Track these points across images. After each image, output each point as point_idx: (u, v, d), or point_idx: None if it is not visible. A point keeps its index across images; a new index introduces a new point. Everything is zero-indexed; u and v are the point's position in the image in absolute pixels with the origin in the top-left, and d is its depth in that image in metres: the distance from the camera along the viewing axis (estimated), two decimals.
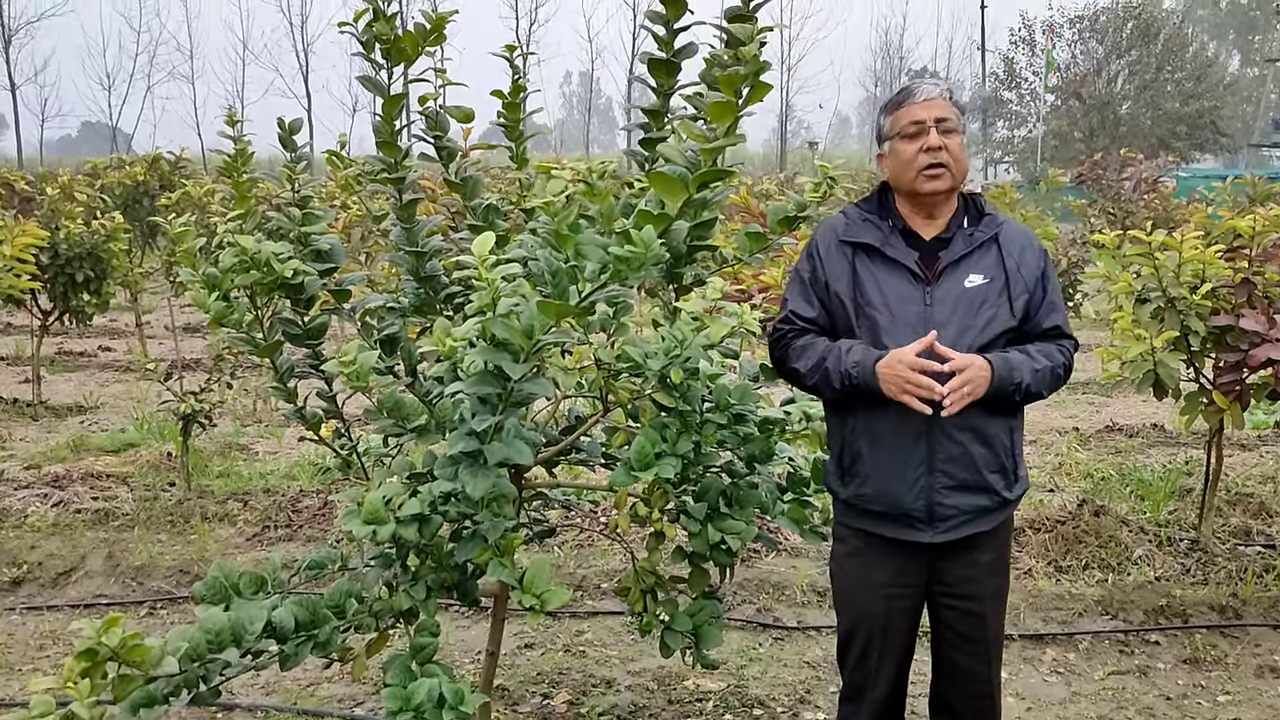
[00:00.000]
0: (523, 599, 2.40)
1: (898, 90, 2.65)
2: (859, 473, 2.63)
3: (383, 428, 2.78)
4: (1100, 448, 7.47)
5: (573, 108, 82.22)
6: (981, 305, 2.54)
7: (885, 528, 2.63)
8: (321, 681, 4.04)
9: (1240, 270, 4.63)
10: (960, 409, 2.43)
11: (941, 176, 2.55)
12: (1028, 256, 2.61)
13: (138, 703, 2.16)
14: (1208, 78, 43.65)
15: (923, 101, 2.56)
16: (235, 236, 2.77)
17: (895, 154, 2.59)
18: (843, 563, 2.79)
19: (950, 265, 2.57)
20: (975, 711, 2.80)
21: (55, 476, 6.57)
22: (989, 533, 2.63)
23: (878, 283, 2.58)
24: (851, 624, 2.77)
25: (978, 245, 2.59)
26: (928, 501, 2.55)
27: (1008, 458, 2.59)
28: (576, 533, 5.46)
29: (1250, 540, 5.42)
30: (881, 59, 60.52)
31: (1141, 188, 12.89)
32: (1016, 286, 2.58)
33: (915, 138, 2.55)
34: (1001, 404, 2.52)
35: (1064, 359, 2.60)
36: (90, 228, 8.96)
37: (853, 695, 2.83)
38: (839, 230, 2.66)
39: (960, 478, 2.54)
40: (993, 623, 2.74)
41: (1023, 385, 2.49)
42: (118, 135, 52.47)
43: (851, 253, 2.61)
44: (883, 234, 2.61)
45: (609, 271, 2.20)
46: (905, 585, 2.69)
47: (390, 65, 2.81)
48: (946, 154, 2.53)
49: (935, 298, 2.54)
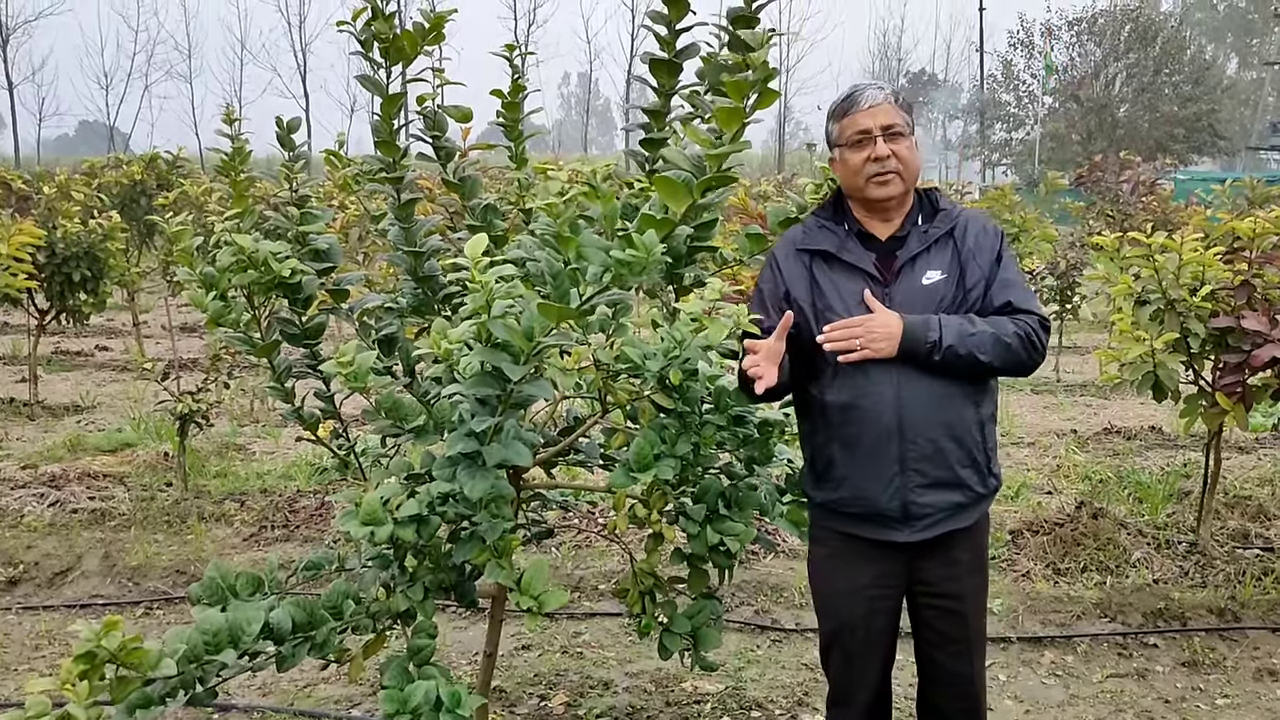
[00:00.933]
0: (520, 600, 2.39)
1: (843, 97, 2.62)
2: (833, 477, 2.62)
3: (380, 428, 2.77)
4: (1098, 450, 7.46)
5: (571, 109, 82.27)
6: (939, 300, 2.54)
7: (863, 529, 2.62)
8: (318, 683, 4.03)
9: (1240, 273, 4.62)
10: (856, 360, 2.45)
11: (891, 182, 2.54)
12: (982, 241, 2.60)
13: (135, 704, 2.15)
14: (1205, 81, 43.66)
15: (867, 109, 2.54)
16: (232, 235, 2.76)
17: (844, 162, 2.60)
18: (821, 566, 2.78)
19: (907, 264, 2.57)
20: (962, 713, 2.78)
21: (52, 476, 6.56)
22: (966, 530, 2.62)
23: (837, 288, 2.57)
24: (834, 627, 2.76)
25: (933, 241, 2.59)
26: (902, 501, 2.53)
27: (980, 452, 2.58)
28: (575, 534, 5.45)
29: (1249, 543, 5.41)
30: (880, 60, 60.58)
31: (1140, 190, 12.88)
32: (972, 275, 2.56)
33: (862, 146, 2.54)
34: (960, 379, 2.50)
35: (1017, 329, 2.51)
36: (87, 227, 8.95)
37: (840, 700, 2.82)
38: (796, 240, 2.66)
39: (934, 475, 2.53)
40: (974, 622, 2.72)
41: (942, 343, 2.44)
42: (115, 134, 52.43)
43: (809, 260, 2.62)
44: (839, 239, 2.61)
45: (610, 274, 2.19)
46: (886, 586, 2.68)
47: (389, 64, 2.80)
48: (895, 160, 2.53)
49: (894, 298, 2.53)
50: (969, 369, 2.50)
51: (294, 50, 52.90)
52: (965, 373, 2.51)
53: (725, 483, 2.83)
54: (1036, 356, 2.57)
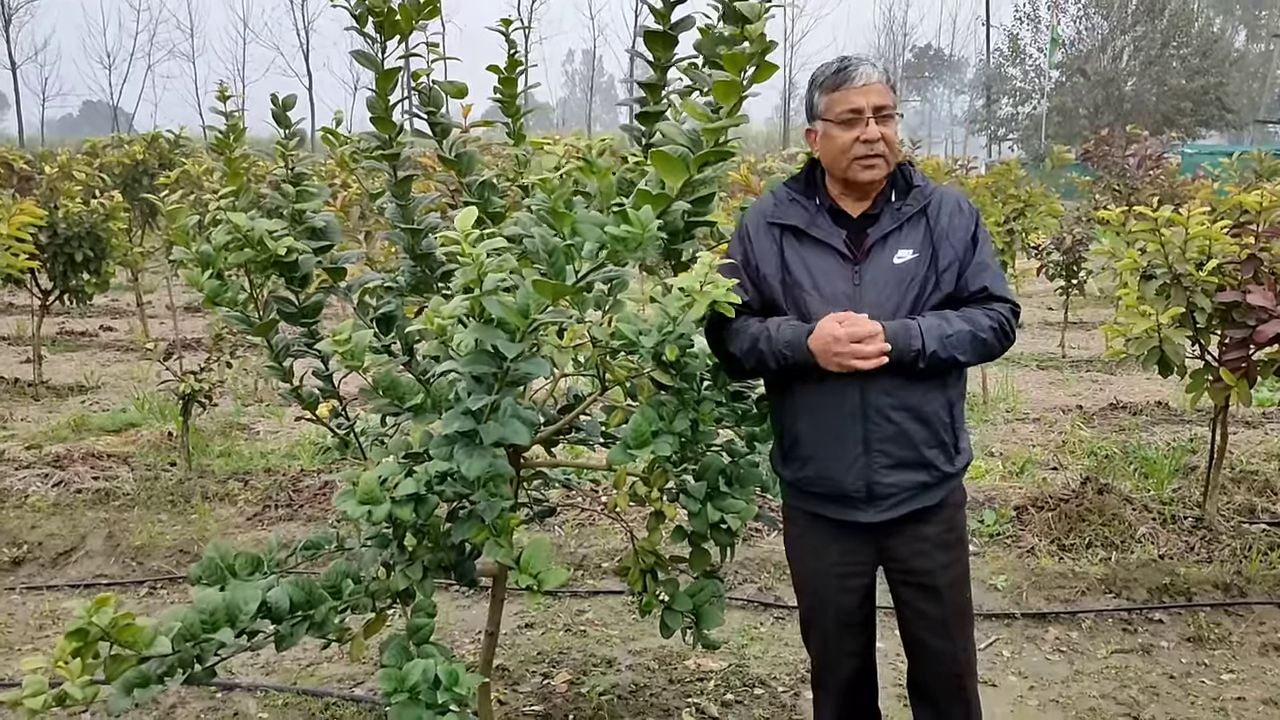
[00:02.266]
0: (520, 579, 2.38)
1: (833, 68, 2.51)
2: (799, 455, 2.59)
3: (378, 407, 2.75)
4: (1104, 425, 7.43)
5: (575, 86, 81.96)
6: (911, 280, 2.48)
7: (828, 509, 2.60)
8: (321, 661, 4.03)
9: (1247, 246, 4.58)
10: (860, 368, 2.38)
11: (877, 166, 2.48)
12: (956, 221, 2.53)
13: (131, 682, 2.15)
14: (1213, 53, 43.33)
15: (861, 87, 2.46)
16: (228, 214, 2.73)
17: (829, 138, 2.50)
18: (793, 545, 2.77)
19: (878, 242, 2.51)
20: (948, 692, 2.73)
21: (56, 456, 6.57)
22: (934, 507, 2.58)
23: (805, 264, 2.52)
24: (809, 606, 2.76)
25: (906, 219, 2.52)
26: (866, 481, 2.50)
27: (947, 433, 2.54)
28: (577, 512, 5.44)
29: (1255, 518, 5.40)
30: (885, 36, 60.25)
31: (1146, 164, 12.81)
32: (945, 256, 2.50)
33: (851, 125, 2.46)
34: (930, 376, 2.46)
35: (991, 322, 2.48)
36: (89, 207, 8.93)
37: (821, 678, 2.82)
38: (767, 212, 2.61)
39: (898, 456, 2.49)
40: (950, 597, 2.66)
41: (925, 351, 2.39)
42: (119, 114, 52.33)
43: (779, 234, 2.56)
44: (809, 214, 2.56)
45: (606, 251, 2.16)
46: (854, 565, 2.65)
47: (384, 40, 2.77)
48: (883, 144, 2.47)
49: (864, 277, 2.49)
50: (948, 369, 2.48)
51: (297, 29, 52.75)
52: (944, 371, 2.49)
53: (726, 460, 2.81)
54: (1008, 344, 2.55)
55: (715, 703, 3.69)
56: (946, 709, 2.75)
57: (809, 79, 2.59)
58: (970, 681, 2.77)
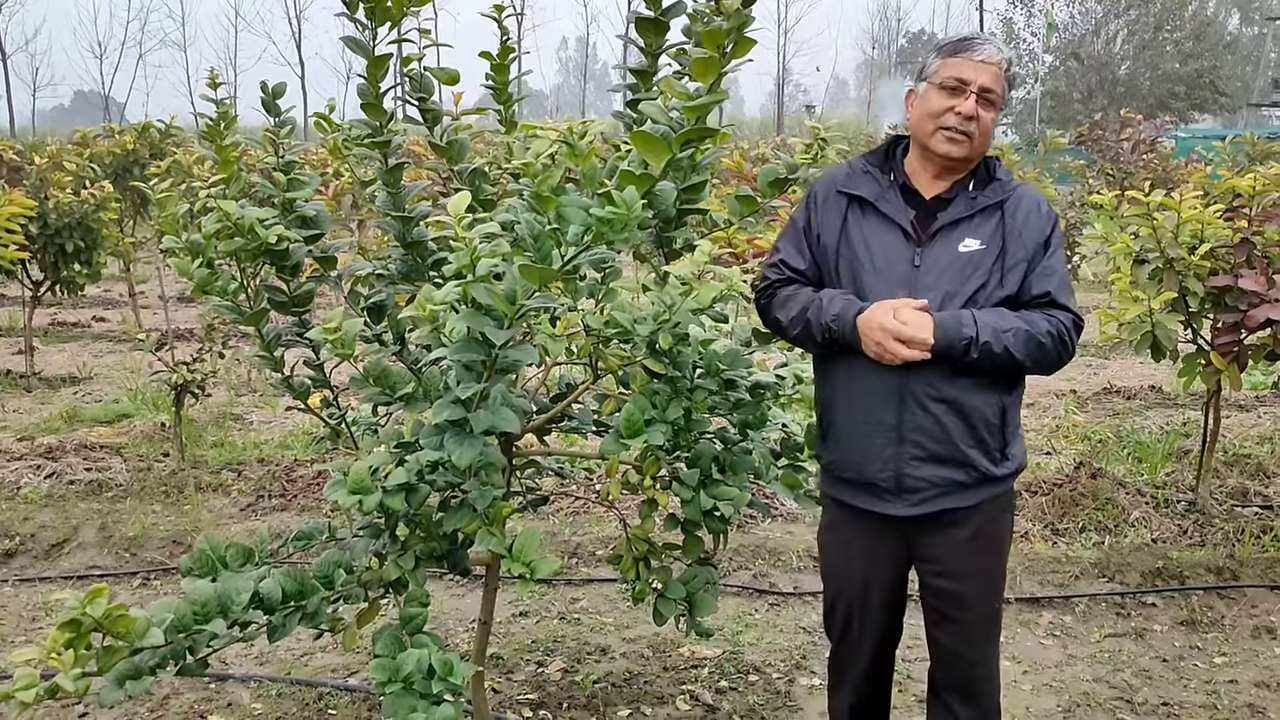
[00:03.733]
0: (512, 567, 2.37)
1: (960, 37, 2.47)
2: (833, 437, 2.56)
3: (369, 396, 2.74)
4: (1098, 410, 7.45)
5: (569, 73, 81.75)
6: (973, 272, 2.40)
7: (856, 497, 2.55)
8: (315, 652, 4.03)
9: (1239, 230, 4.58)
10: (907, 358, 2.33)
11: (961, 144, 2.42)
12: (1032, 221, 2.45)
13: (123, 674, 2.14)
14: (1207, 37, 43.28)
15: (977, 61, 2.40)
16: (218, 201, 2.72)
17: (925, 100, 2.45)
18: (824, 532, 2.74)
19: (946, 227, 2.44)
20: (962, 697, 2.67)
21: (48, 448, 6.54)
22: (971, 509, 2.49)
23: (866, 238, 2.47)
24: (833, 595, 2.73)
25: (980, 209, 2.44)
26: (896, 472, 2.44)
27: (992, 434, 2.45)
28: (571, 500, 5.44)
29: (1247, 501, 5.41)
30: (879, 21, 60.15)
31: (1140, 149, 12.80)
32: (1015, 254, 2.41)
33: (953, 94, 2.41)
34: (980, 372, 2.37)
35: (1050, 327, 2.39)
36: (80, 197, 8.88)
37: (836, 669, 2.81)
38: (838, 180, 2.55)
39: (931, 449, 2.42)
40: (975, 604, 2.58)
41: (977, 340, 2.31)
42: (111, 104, 52.08)
43: (846, 204, 2.51)
44: (880, 188, 2.50)
45: (591, 234, 2.15)
46: (880, 560, 2.60)
47: (374, 26, 2.75)
48: (976, 125, 2.41)
49: (925, 260, 2.42)
50: (1000, 367, 2.38)
51: (289, 17, 52.49)
52: (994, 370, 2.40)
53: (719, 447, 2.80)
54: (1066, 356, 2.44)
55: (710, 690, 3.69)
56: (961, 713, 2.67)
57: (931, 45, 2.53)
58: (988, 687, 2.69)
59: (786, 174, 2.86)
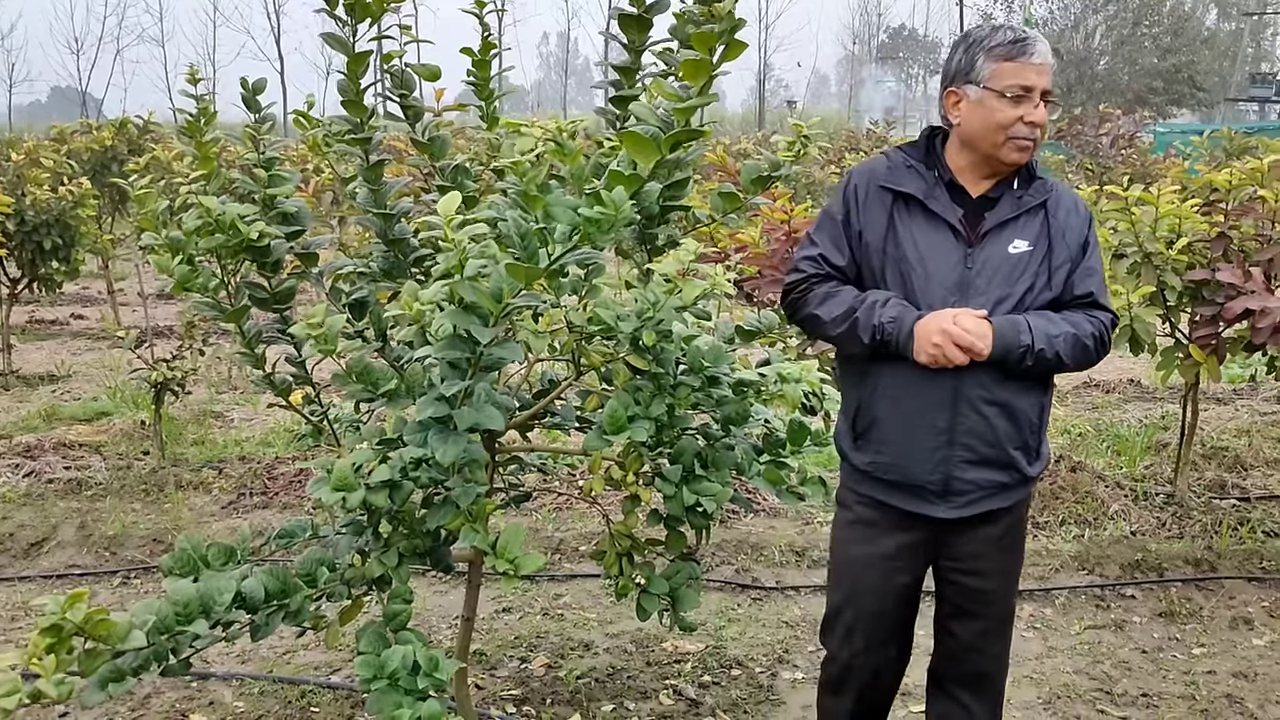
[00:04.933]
0: (496, 564, 2.37)
1: (1011, 39, 2.36)
2: (874, 438, 2.49)
3: (352, 393, 2.74)
4: (1077, 404, 7.49)
5: (550, 69, 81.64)
6: (1023, 274, 2.39)
7: (896, 498, 2.50)
8: (297, 649, 4.02)
9: (1216, 224, 4.62)
10: (960, 362, 2.31)
11: (1029, 149, 2.38)
12: (1072, 220, 2.44)
13: (106, 677, 2.13)
14: (1184, 32, 43.50)
15: (1038, 65, 2.34)
16: (199, 198, 2.71)
17: (986, 109, 2.36)
18: (844, 531, 2.65)
19: (995, 228, 2.40)
20: (974, 691, 2.67)
21: (27, 446, 6.49)
22: (1004, 510, 2.50)
23: (914, 237, 2.40)
24: (844, 597, 2.65)
25: (1025, 210, 2.42)
26: (945, 475, 2.41)
27: (1033, 435, 2.45)
28: (553, 496, 5.44)
29: (1225, 493, 5.46)
30: (860, 16, 60.30)
31: (1119, 143, 12.88)
32: (1059, 255, 2.41)
33: (1019, 103, 2.34)
34: (1028, 375, 2.38)
35: (1093, 329, 2.40)
36: (58, 194, 8.82)
37: (838, 680, 2.72)
38: (879, 175, 2.46)
39: (982, 452, 2.41)
40: (999, 601, 2.60)
41: (1033, 348, 2.32)
42: (88, 100, 51.67)
43: (890, 201, 2.43)
44: (927, 185, 2.43)
45: (579, 233, 2.15)
46: (908, 561, 2.56)
47: (354, 22, 2.74)
48: (1040, 130, 2.38)
49: (977, 261, 2.38)
50: (1048, 370, 2.41)
51: (267, 12, 52.07)
52: (1042, 373, 2.42)
53: (702, 443, 2.81)
54: (1104, 354, 2.47)
55: (693, 684, 3.70)
56: (972, 705, 2.67)
57: (965, 38, 2.45)
58: (1000, 680, 2.71)
59: (770, 171, 2.87)
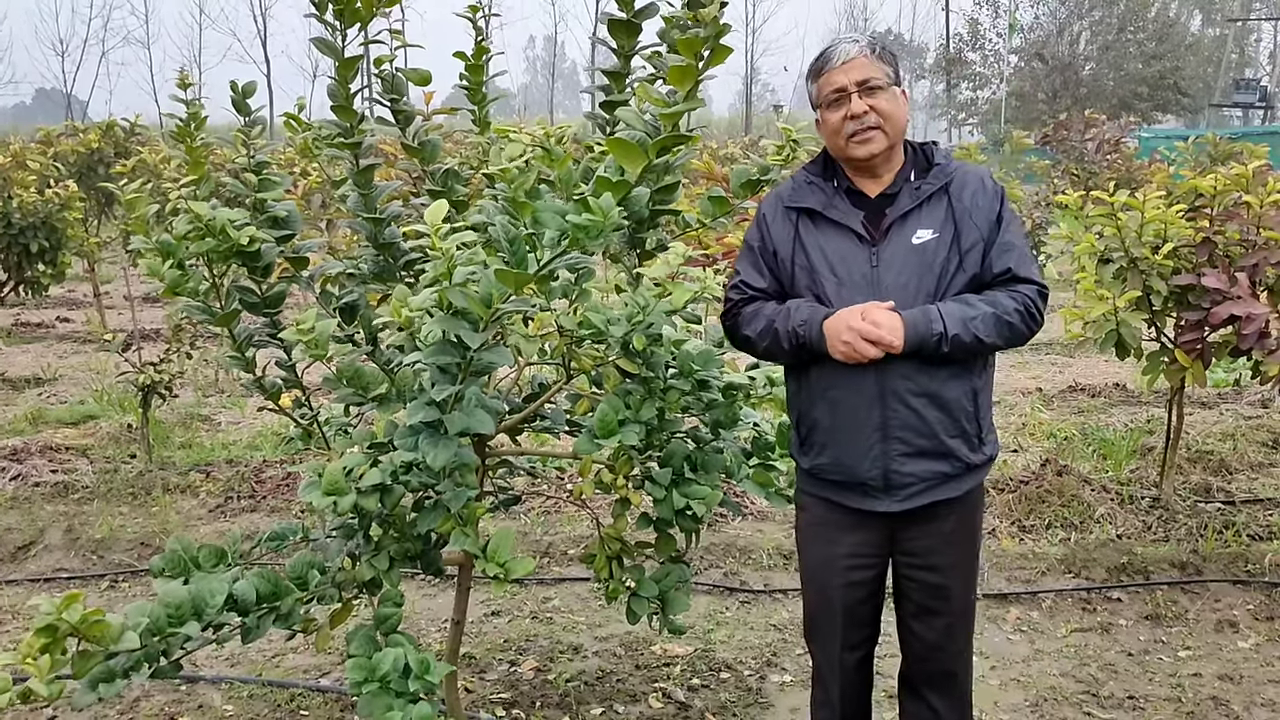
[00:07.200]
0: (487, 568, 2.38)
1: (818, 55, 2.51)
2: (816, 441, 2.55)
3: (342, 397, 2.74)
4: (1063, 408, 7.52)
5: (537, 72, 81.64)
6: (932, 261, 2.42)
7: (844, 496, 2.55)
8: (286, 652, 4.01)
9: (1202, 230, 4.65)
10: (872, 356, 2.35)
11: (873, 139, 2.43)
12: (979, 200, 2.46)
13: (98, 678, 2.14)
14: (1169, 38, 43.76)
15: (841, 66, 2.43)
16: (189, 203, 2.71)
17: (823, 122, 2.50)
18: (805, 533, 2.72)
19: (896, 222, 2.45)
20: (941, 692, 2.70)
21: (13, 450, 6.47)
22: (954, 501, 2.52)
23: (822, 247, 2.48)
24: (815, 597, 2.71)
25: (926, 198, 2.46)
26: (884, 469, 2.46)
27: (970, 422, 2.47)
28: (543, 500, 5.44)
29: (1210, 497, 5.49)
30: (846, 21, 60.45)
31: (1104, 149, 12.93)
32: (969, 236, 2.43)
33: (838, 105, 2.44)
34: (952, 361, 2.41)
35: (1016, 304, 2.41)
36: (44, 197, 8.79)
37: (822, 677, 2.77)
38: (784, 196, 2.57)
39: (918, 444, 2.44)
40: (958, 595, 2.62)
41: (947, 334, 2.34)
42: (73, 103, 51.47)
43: (795, 218, 2.53)
44: (826, 196, 2.52)
45: (567, 239, 2.16)
46: (865, 557, 2.61)
47: (344, 27, 2.75)
48: (875, 115, 2.42)
49: (882, 258, 2.44)
50: (974, 353, 2.43)
51: (254, 15, 52.03)
52: (968, 357, 2.43)
53: (691, 447, 2.82)
54: (1035, 328, 2.47)
55: (682, 687, 3.71)
56: (939, 706, 2.70)
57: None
58: (965, 679, 2.74)
59: (759, 175, 2.89)
